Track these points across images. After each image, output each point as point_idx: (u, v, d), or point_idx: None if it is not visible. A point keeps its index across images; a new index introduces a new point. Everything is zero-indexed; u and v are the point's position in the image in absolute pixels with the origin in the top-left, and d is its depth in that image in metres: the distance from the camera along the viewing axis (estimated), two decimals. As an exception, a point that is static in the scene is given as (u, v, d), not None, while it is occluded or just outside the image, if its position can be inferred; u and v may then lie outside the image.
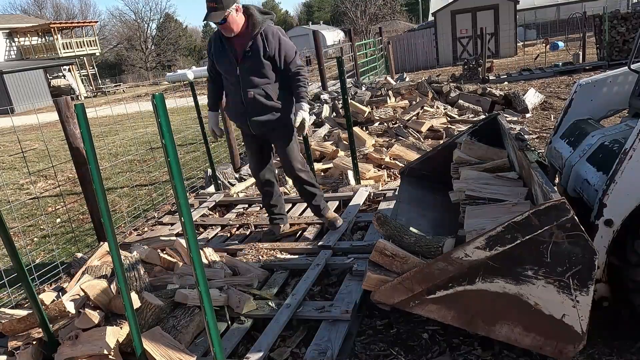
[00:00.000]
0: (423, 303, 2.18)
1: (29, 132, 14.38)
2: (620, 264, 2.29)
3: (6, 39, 30.74)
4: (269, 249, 3.56)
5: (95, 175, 1.88)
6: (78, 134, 3.69)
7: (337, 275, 3.21)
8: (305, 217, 4.13)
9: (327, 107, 8.02)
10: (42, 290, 3.52)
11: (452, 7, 19.46)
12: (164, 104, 1.60)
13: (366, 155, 5.44)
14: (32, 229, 5.39)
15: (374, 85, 10.41)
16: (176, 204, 1.69)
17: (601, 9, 13.52)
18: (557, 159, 3.12)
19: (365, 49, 15.70)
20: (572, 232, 1.90)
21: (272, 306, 2.77)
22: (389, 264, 2.35)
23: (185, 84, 14.46)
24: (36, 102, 23.85)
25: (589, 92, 3.23)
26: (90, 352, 2.25)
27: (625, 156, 2.12)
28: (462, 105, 7.97)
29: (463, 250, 2.04)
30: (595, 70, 11.34)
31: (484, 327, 2.14)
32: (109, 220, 1.96)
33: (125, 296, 2.07)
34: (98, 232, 4.01)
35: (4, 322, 2.51)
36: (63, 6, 53.50)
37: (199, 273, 1.75)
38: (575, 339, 2.00)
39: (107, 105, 15.49)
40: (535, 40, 23.61)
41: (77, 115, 1.82)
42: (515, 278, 2.02)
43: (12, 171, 9.00)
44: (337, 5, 46.74)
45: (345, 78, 4.76)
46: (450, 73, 14.62)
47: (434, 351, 2.40)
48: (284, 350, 2.51)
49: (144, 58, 50.88)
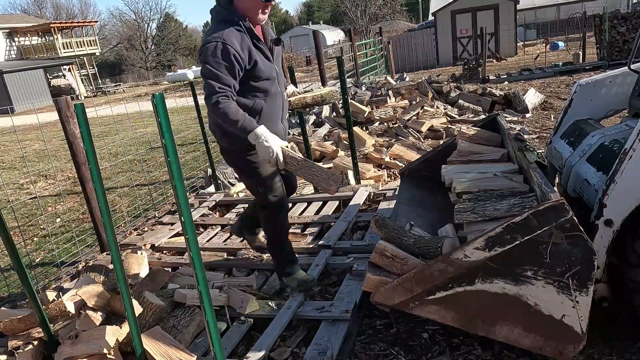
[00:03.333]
0: (423, 304, 2.18)
1: (29, 132, 14.38)
2: (620, 264, 2.29)
3: (6, 38, 30.73)
4: (269, 249, 3.56)
5: (95, 175, 1.89)
6: (78, 133, 3.70)
7: (337, 275, 3.22)
8: (305, 217, 4.13)
9: (327, 107, 8.02)
10: (47, 288, 3.52)
11: (452, 7, 19.46)
12: (164, 103, 1.60)
13: (366, 155, 5.44)
14: (32, 229, 5.39)
15: (374, 85, 10.41)
16: (176, 204, 1.69)
17: (601, 9, 13.52)
18: (557, 159, 3.12)
19: (365, 49, 15.70)
20: (571, 232, 1.90)
21: (272, 306, 2.77)
22: (389, 265, 2.35)
23: (185, 83, 14.46)
24: (36, 102, 23.84)
25: (589, 92, 3.23)
26: (90, 351, 2.25)
27: (625, 156, 2.12)
28: (462, 105, 7.97)
29: (462, 251, 2.04)
30: (595, 70, 11.35)
31: (483, 327, 2.14)
32: (109, 220, 1.96)
33: (125, 296, 2.07)
34: (98, 232, 4.01)
35: (4, 322, 2.51)
36: (63, 6, 53.53)
37: (199, 273, 1.75)
38: (575, 339, 2.00)
39: (107, 105, 15.47)
40: (535, 40, 23.62)
41: (77, 115, 1.82)
42: (515, 279, 2.02)
43: (12, 171, 9.00)
44: (337, 5, 46.73)
45: (345, 78, 4.76)
46: (450, 73, 14.62)
47: (434, 351, 2.40)
48: (284, 350, 2.52)
49: (144, 58, 50.89)
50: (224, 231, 4.20)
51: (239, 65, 2.42)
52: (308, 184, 4.98)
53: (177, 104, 10.14)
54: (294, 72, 4.80)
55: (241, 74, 2.46)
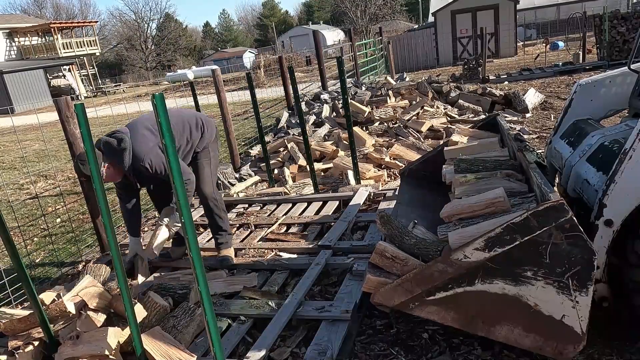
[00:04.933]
0: (423, 305, 2.18)
1: (29, 132, 14.38)
2: (620, 264, 2.29)
3: (6, 39, 30.73)
4: (269, 249, 3.57)
5: (96, 175, 1.89)
6: (78, 133, 3.69)
7: (337, 275, 3.22)
8: (305, 217, 4.13)
9: (327, 107, 8.02)
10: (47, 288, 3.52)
11: (452, 7, 19.46)
12: (164, 103, 1.60)
13: (366, 155, 5.44)
14: (32, 229, 5.39)
15: (374, 85, 10.42)
16: (176, 204, 1.69)
17: (601, 9, 13.52)
18: (557, 159, 3.12)
19: (365, 49, 15.70)
20: (571, 232, 1.90)
21: (272, 306, 2.77)
22: (389, 266, 2.34)
23: (185, 83, 14.44)
24: (36, 102, 23.84)
25: (589, 92, 3.24)
26: (91, 352, 2.25)
27: (625, 156, 2.12)
28: (462, 105, 7.97)
29: (462, 252, 2.04)
30: (595, 70, 11.34)
31: (483, 328, 2.14)
32: (109, 220, 1.96)
33: (126, 297, 2.07)
34: (98, 232, 4.01)
35: (4, 322, 2.50)
36: (63, 6, 53.58)
37: (199, 273, 1.75)
38: (575, 339, 2.00)
39: (107, 105, 15.47)
40: (535, 40, 23.62)
41: (77, 115, 1.82)
42: (515, 279, 2.02)
43: (12, 171, 9.00)
44: (337, 5, 46.75)
45: (345, 78, 4.76)
46: (450, 73, 14.62)
47: (434, 351, 2.40)
48: (284, 350, 2.52)
49: (144, 58, 50.88)
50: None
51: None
52: (308, 184, 4.99)
53: (177, 104, 10.12)
54: (294, 72, 4.80)
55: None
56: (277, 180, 5.33)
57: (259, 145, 5.85)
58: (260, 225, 4.12)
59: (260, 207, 4.59)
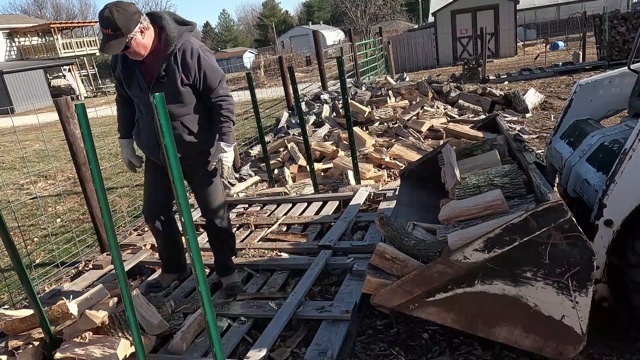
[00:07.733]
0: (423, 306, 2.18)
1: (29, 132, 14.38)
2: (620, 264, 2.29)
3: (6, 39, 30.72)
4: (269, 249, 3.57)
5: (96, 175, 1.88)
6: (78, 134, 3.70)
7: (337, 275, 3.22)
8: (305, 217, 4.13)
9: (327, 107, 8.03)
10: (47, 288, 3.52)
11: (452, 7, 19.46)
12: (164, 103, 1.60)
13: (366, 155, 5.44)
14: (32, 229, 5.40)
15: (374, 85, 10.41)
16: (176, 204, 1.69)
17: (601, 9, 13.52)
18: (557, 159, 3.12)
19: (365, 49, 15.70)
20: (570, 233, 1.90)
21: (272, 306, 2.77)
22: (389, 267, 2.34)
23: (186, 84, 14.41)
24: (36, 102, 23.80)
25: (589, 92, 3.23)
26: (96, 357, 2.27)
27: (625, 156, 2.13)
28: (462, 105, 7.97)
29: (462, 253, 2.04)
30: (595, 70, 11.35)
31: (483, 329, 2.14)
32: (109, 221, 1.96)
33: (126, 297, 2.07)
34: (98, 232, 4.01)
35: (4, 322, 2.51)
36: (63, 6, 53.62)
37: (199, 273, 1.75)
38: (575, 339, 2.00)
39: (107, 105, 15.47)
40: (535, 40, 23.62)
41: (77, 115, 1.82)
42: (514, 280, 2.02)
43: (12, 171, 9.00)
44: (337, 5, 46.79)
45: (345, 78, 4.76)
46: (450, 73, 14.61)
47: (434, 351, 2.40)
48: (284, 350, 2.52)
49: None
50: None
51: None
52: (308, 184, 4.99)
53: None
54: (293, 72, 4.80)
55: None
56: (277, 180, 5.33)
57: (259, 145, 5.85)
58: (260, 226, 4.12)
59: (261, 207, 4.59)
